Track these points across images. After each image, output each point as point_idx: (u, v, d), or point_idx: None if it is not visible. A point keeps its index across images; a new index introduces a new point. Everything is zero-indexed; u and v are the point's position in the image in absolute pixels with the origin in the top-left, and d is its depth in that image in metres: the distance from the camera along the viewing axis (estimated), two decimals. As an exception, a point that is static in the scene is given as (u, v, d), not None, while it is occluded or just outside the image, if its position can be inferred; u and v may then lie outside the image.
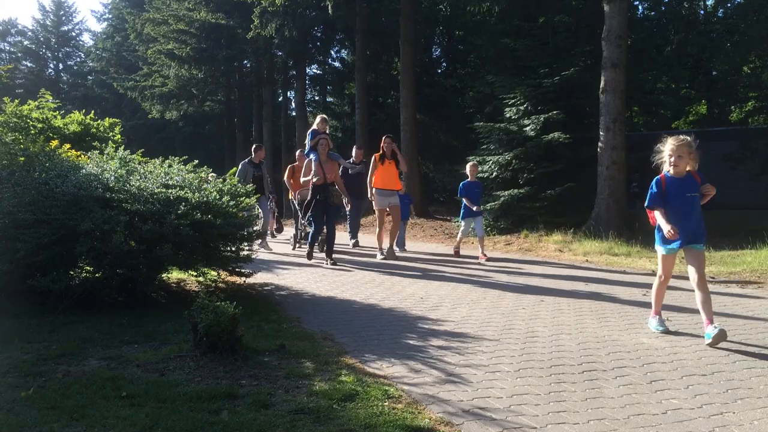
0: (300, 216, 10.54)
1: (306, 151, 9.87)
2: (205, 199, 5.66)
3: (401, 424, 2.73)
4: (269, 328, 4.60)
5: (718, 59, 16.46)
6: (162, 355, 3.78)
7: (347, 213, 11.17)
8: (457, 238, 10.09)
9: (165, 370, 3.53)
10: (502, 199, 13.03)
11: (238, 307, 3.74)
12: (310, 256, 8.99)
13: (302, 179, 9.04)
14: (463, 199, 9.66)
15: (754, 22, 16.02)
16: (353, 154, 11.58)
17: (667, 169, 4.35)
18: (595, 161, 12.07)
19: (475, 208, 9.54)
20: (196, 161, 6.73)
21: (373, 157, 9.65)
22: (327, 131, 10.14)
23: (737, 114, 19.57)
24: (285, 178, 11.25)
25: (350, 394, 3.09)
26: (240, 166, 10.54)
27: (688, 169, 4.33)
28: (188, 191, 5.64)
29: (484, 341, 4.30)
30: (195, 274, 6.02)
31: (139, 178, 5.85)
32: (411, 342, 4.30)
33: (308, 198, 8.80)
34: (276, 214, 11.68)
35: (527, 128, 13.30)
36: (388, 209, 9.70)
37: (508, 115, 13.98)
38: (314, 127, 10.18)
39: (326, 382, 3.32)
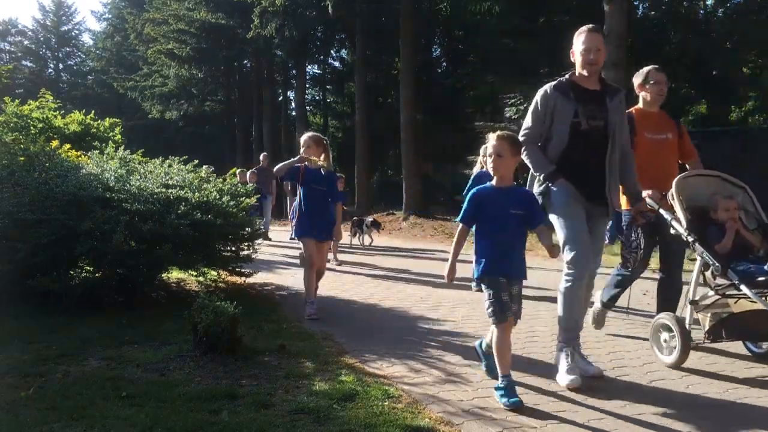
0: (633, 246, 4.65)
1: None
2: (205, 199, 5.67)
3: (401, 424, 2.73)
4: (269, 328, 4.60)
5: (718, 59, 16.43)
6: (162, 356, 3.78)
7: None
8: None
9: (165, 370, 3.53)
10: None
11: (238, 307, 3.74)
12: None
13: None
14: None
15: (754, 22, 16.01)
16: None
17: None
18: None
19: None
20: (196, 161, 6.73)
21: None
22: None
23: (737, 114, 19.54)
24: None
25: (350, 394, 3.09)
26: (539, 94, 3.70)
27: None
28: (188, 191, 5.65)
29: (484, 341, 4.29)
30: (195, 274, 6.03)
31: (139, 178, 5.85)
32: (411, 342, 4.30)
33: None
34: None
35: (527, 128, 13.29)
36: None
37: (508, 115, 13.95)
38: None
39: (326, 382, 3.32)
